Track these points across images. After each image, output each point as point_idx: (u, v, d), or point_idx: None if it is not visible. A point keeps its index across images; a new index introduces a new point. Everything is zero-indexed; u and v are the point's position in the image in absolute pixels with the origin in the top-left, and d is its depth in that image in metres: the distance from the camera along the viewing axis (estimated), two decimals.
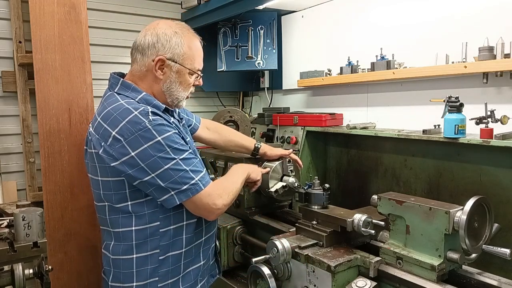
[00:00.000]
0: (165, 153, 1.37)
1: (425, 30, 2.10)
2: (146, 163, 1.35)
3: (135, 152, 1.35)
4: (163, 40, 1.47)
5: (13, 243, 1.41)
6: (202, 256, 1.60)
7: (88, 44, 2.19)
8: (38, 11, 2.05)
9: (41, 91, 2.06)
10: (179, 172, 1.38)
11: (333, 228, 1.58)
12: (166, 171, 1.37)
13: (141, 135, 1.35)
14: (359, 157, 2.40)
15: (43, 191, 2.10)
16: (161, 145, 1.36)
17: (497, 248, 1.31)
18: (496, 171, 1.76)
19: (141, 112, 1.37)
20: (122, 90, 1.49)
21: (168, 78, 1.50)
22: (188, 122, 1.92)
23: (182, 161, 1.40)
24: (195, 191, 1.41)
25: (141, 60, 1.50)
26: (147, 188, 1.40)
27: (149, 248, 1.45)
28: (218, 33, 2.96)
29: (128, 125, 1.35)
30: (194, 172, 1.41)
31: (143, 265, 1.46)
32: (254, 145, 2.02)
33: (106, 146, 1.38)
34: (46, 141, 2.07)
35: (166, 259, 1.48)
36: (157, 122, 1.38)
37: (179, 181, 1.38)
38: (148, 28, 1.51)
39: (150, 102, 1.47)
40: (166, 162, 1.37)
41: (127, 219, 1.45)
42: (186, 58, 1.50)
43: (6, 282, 1.45)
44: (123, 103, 1.41)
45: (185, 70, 1.51)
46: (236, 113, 2.60)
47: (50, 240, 2.03)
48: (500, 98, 1.85)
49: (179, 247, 1.50)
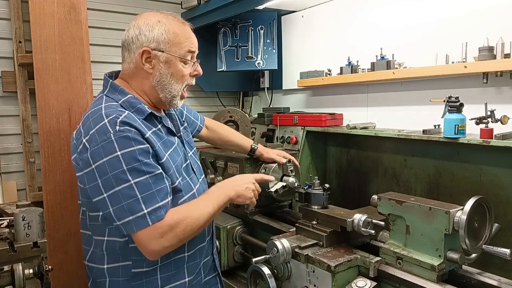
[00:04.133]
0: (120, 171, 1.21)
1: (425, 30, 2.10)
2: (102, 179, 1.23)
3: (95, 165, 1.24)
4: (145, 30, 1.37)
5: (13, 243, 1.42)
6: (187, 273, 1.46)
7: (88, 44, 2.19)
8: (38, 11, 2.05)
9: (41, 91, 2.07)
10: (129, 199, 1.22)
11: (333, 228, 1.58)
12: (116, 194, 1.22)
13: (103, 147, 1.23)
14: (359, 157, 2.40)
15: (43, 191, 2.10)
16: (119, 161, 1.22)
17: (497, 248, 1.31)
18: (496, 171, 1.76)
19: (110, 121, 1.25)
20: (110, 92, 1.40)
21: (158, 71, 1.38)
22: (193, 125, 1.88)
23: (136, 185, 1.22)
24: (139, 226, 1.22)
25: (128, 57, 1.41)
26: (101, 209, 1.27)
27: (120, 259, 1.36)
28: (218, 33, 2.96)
29: (96, 133, 1.25)
30: (146, 202, 1.23)
31: (115, 275, 1.37)
32: (251, 146, 2.03)
33: (77, 154, 1.30)
34: (46, 141, 2.07)
35: (139, 272, 1.37)
36: (123, 134, 1.24)
37: (125, 209, 1.22)
38: (131, 22, 1.43)
39: (133, 106, 1.36)
40: (118, 182, 1.22)
41: (101, 228, 1.36)
42: (172, 45, 1.38)
43: (6, 282, 1.45)
44: (102, 107, 1.30)
45: (175, 58, 1.39)
46: (236, 113, 2.60)
47: (50, 240, 2.03)
48: (500, 98, 1.85)
49: (154, 263, 1.37)
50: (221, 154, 2.29)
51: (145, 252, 1.28)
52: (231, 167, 2.22)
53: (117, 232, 1.33)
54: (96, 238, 1.39)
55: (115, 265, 1.37)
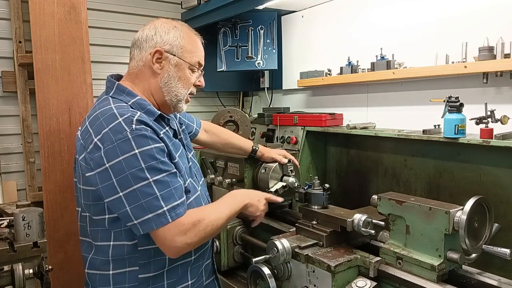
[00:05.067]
0: (138, 170, 1.21)
1: (425, 30, 2.10)
2: (117, 178, 1.21)
3: (109, 164, 1.22)
4: (162, 32, 1.40)
5: (13, 243, 1.42)
6: (190, 275, 1.45)
7: (88, 44, 2.19)
8: (38, 11, 2.05)
9: (41, 91, 2.07)
10: (148, 197, 1.21)
11: (333, 228, 1.58)
12: (133, 192, 1.21)
13: (119, 146, 1.21)
14: (359, 157, 2.40)
15: (43, 191, 2.10)
16: (137, 159, 1.21)
17: (497, 248, 1.31)
18: (496, 171, 1.76)
19: (125, 120, 1.24)
20: (117, 94, 1.38)
21: (167, 72, 1.40)
22: (189, 128, 1.87)
23: (155, 183, 1.22)
24: (159, 224, 1.22)
25: (138, 55, 1.41)
26: (115, 209, 1.26)
27: (127, 265, 1.34)
28: (218, 33, 2.96)
29: (110, 132, 1.23)
30: (166, 200, 1.23)
31: (120, 282, 1.34)
32: (251, 147, 2.03)
33: (86, 154, 1.27)
34: (46, 141, 2.07)
35: (146, 277, 1.35)
36: (140, 132, 1.24)
37: (144, 207, 1.21)
38: (146, 24, 1.45)
39: (143, 107, 1.35)
40: (137, 181, 1.21)
41: (106, 233, 1.34)
42: (185, 51, 1.41)
43: (6, 282, 1.45)
44: (112, 107, 1.29)
45: (185, 64, 1.42)
46: (236, 113, 2.60)
47: (50, 240, 2.03)
48: (500, 98, 1.85)
49: (161, 267, 1.36)
50: (221, 154, 2.29)
51: (167, 248, 1.27)
52: (231, 167, 2.22)
53: (126, 236, 1.32)
54: (98, 244, 1.36)
55: (121, 271, 1.34)
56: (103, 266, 1.35)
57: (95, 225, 1.36)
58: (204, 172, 2.45)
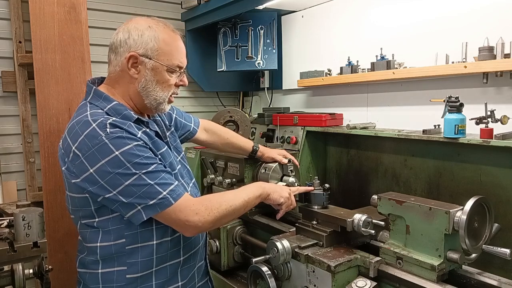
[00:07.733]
0: (124, 168, 1.23)
1: (425, 30, 2.10)
2: (105, 180, 1.23)
3: (93, 169, 1.23)
4: (135, 35, 1.34)
5: (13, 243, 1.42)
6: (180, 277, 1.45)
7: (88, 44, 2.19)
8: (38, 11, 2.05)
9: (41, 91, 2.07)
10: (143, 187, 1.25)
11: (333, 228, 1.58)
12: (127, 188, 1.24)
13: (98, 150, 1.23)
14: (359, 157, 2.40)
15: (43, 191, 2.10)
16: (119, 160, 1.23)
17: (497, 248, 1.31)
18: (496, 171, 1.76)
19: (99, 125, 1.25)
20: (94, 99, 1.37)
21: (143, 77, 1.36)
22: (185, 128, 1.85)
23: (145, 175, 1.25)
24: (164, 206, 1.26)
25: (114, 60, 1.38)
26: (112, 204, 1.28)
27: (116, 264, 1.35)
28: (218, 33, 2.96)
29: (85, 139, 1.24)
30: (162, 186, 1.27)
31: (109, 281, 1.35)
32: (252, 147, 2.02)
33: (68, 162, 1.29)
34: (46, 141, 2.07)
35: (135, 277, 1.35)
36: (115, 135, 1.25)
37: (143, 196, 1.25)
38: (121, 26, 1.40)
39: (119, 112, 1.34)
40: (126, 178, 1.23)
41: (94, 234, 1.35)
42: (161, 53, 1.35)
43: (6, 282, 1.45)
44: (87, 115, 1.29)
45: (162, 67, 1.36)
46: (236, 113, 2.60)
47: (50, 240, 2.03)
48: (500, 98, 1.85)
49: (149, 267, 1.37)
50: (221, 154, 2.29)
51: (183, 228, 1.31)
52: (231, 167, 2.22)
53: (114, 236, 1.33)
54: (88, 245, 1.37)
55: (109, 270, 1.35)
56: (92, 265, 1.37)
57: (84, 226, 1.38)
58: (204, 172, 2.46)
